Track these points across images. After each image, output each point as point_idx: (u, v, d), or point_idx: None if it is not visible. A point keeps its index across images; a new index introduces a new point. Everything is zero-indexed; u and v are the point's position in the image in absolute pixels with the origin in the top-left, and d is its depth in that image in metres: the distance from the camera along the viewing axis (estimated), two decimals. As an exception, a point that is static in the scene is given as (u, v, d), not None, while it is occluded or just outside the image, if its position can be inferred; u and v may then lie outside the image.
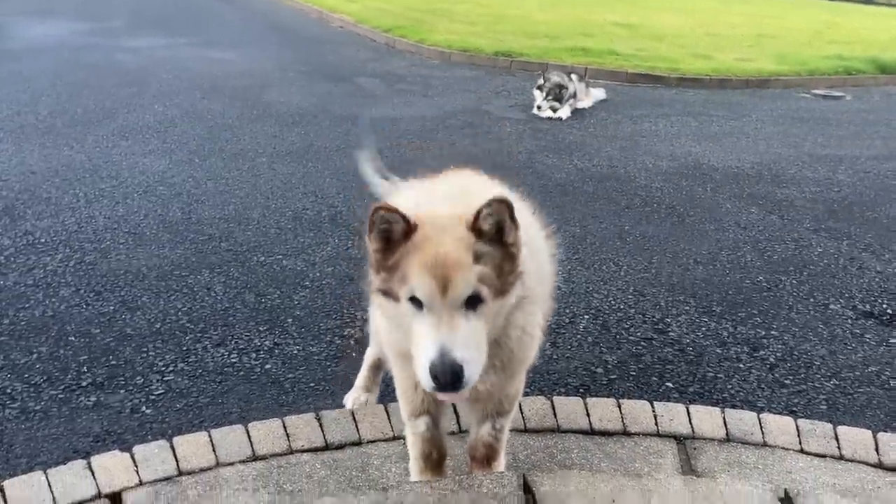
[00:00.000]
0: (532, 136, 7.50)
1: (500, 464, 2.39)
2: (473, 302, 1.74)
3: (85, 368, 3.21)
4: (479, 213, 1.76)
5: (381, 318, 2.14)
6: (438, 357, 1.68)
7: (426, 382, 1.72)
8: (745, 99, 10.17)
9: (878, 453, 2.73)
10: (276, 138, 6.89)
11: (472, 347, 1.73)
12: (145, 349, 3.37)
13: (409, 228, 1.78)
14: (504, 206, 1.76)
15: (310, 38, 13.55)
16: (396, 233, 1.79)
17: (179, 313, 3.70)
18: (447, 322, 1.71)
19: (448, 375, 1.68)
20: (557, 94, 8.33)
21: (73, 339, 3.43)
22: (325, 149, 6.64)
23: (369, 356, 2.96)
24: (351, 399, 2.98)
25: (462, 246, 1.75)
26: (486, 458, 2.35)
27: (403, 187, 2.56)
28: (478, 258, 1.75)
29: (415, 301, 1.75)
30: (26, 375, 3.14)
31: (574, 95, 8.60)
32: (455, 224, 1.78)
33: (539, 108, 8.36)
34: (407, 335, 1.81)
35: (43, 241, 4.45)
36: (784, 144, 7.70)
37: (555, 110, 8.30)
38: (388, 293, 1.82)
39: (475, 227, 1.77)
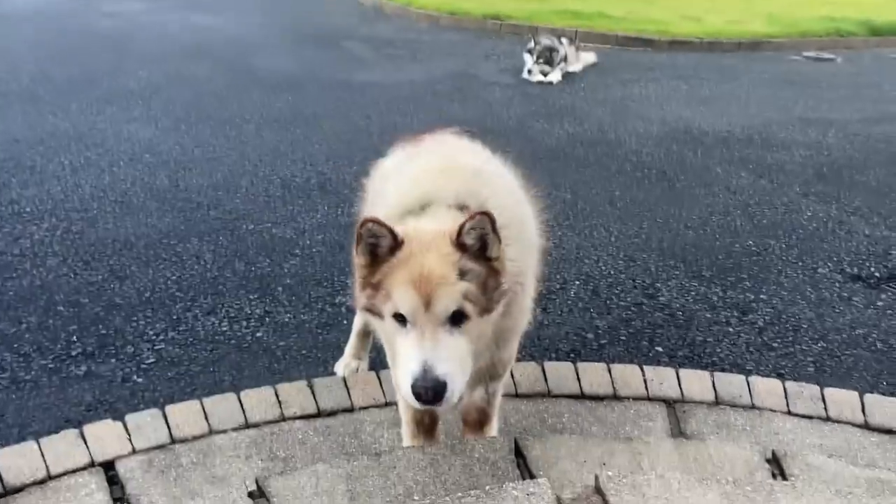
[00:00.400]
0: (522, 100, 7.44)
1: (493, 427, 2.42)
2: (458, 319, 1.73)
3: (75, 338, 3.20)
4: (461, 227, 1.74)
5: None
6: (421, 373, 1.68)
7: (409, 398, 1.72)
8: (736, 62, 10.10)
9: (864, 414, 2.78)
10: (263, 104, 6.80)
11: (456, 363, 1.72)
12: (135, 318, 3.36)
13: (396, 244, 1.76)
14: (486, 218, 1.74)
15: (296, 1, 13.31)
16: (383, 248, 1.77)
17: (169, 282, 3.68)
18: (430, 338, 1.71)
19: (430, 392, 1.68)
20: (548, 58, 8.25)
21: (61, 308, 3.41)
22: (313, 115, 6.57)
23: (357, 323, 2.97)
24: (342, 366, 2.99)
25: (446, 262, 1.74)
26: (478, 422, 2.37)
27: (389, 153, 2.52)
28: (462, 275, 1.74)
29: (399, 318, 1.74)
30: (16, 345, 3.13)
31: (564, 59, 8.51)
32: (440, 240, 1.76)
33: (530, 72, 8.28)
34: (391, 350, 1.83)
35: (28, 210, 4.41)
36: (775, 108, 7.67)
37: (545, 74, 8.23)
38: (372, 311, 1.82)
39: (459, 243, 1.75)
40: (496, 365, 2.26)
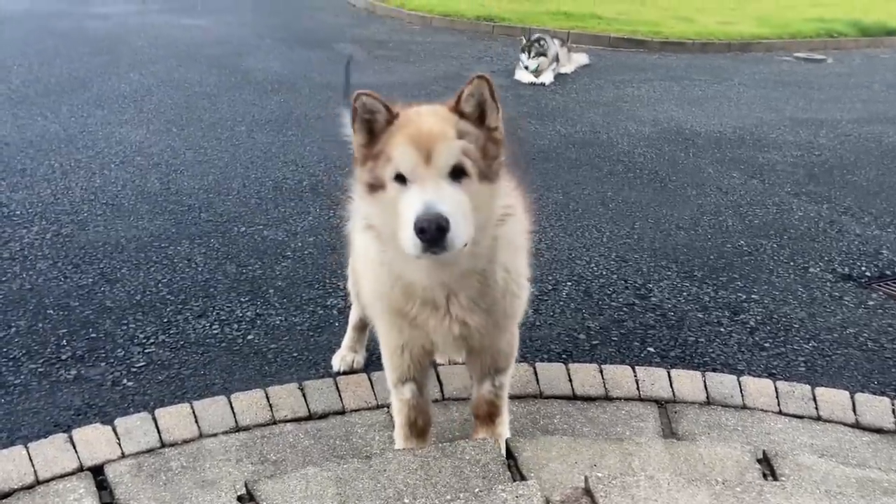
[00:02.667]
0: (514, 101, 7.44)
1: (504, 420, 2.42)
2: (458, 174, 1.74)
3: (64, 342, 3.18)
4: (460, 94, 1.80)
5: (364, 265, 2.16)
6: (423, 210, 1.67)
7: (412, 241, 1.69)
8: (728, 63, 10.13)
9: (855, 413, 2.78)
10: (254, 106, 6.79)
11: (457, 208, 1.71)
12: (125, 321, 3.34)
13: (391, 116, 1.80)
14: (484, 82, 1.79)
15: (286, 3, 13.29)
16: (379, 122, 1.81)
17: (160, 285, 3.67)
18: (432, 187, 1.71)
19: (433, 226, 1.65)
20: (539, 49, 8.25)
21: (51, 312, 3.39)
22: (304, 117, 6.55)
23: (353, 317, 2.97)
24: (338, 359, 2.99)
25: (445, 122, 1.78)
26: (488, 414, 2.38)
27: None
28: (461, 135, 1.77)
29: (400, 179, 1.74)
30: (5, 349, 3.10)
31: (556, 60, 8.52)
32: (438, 108, 1.83)
33: (527, 67, 8.26)
34: (395, 224, 1.76)
35: (18, 213, 4.38)
36: (766, 108, 7.70)
37: (539, 71, 8.22)
38: (374, 184, 1.81)
39: (457, 109, 1.80)
40: (498, 357, 2.28)
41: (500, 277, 2.02)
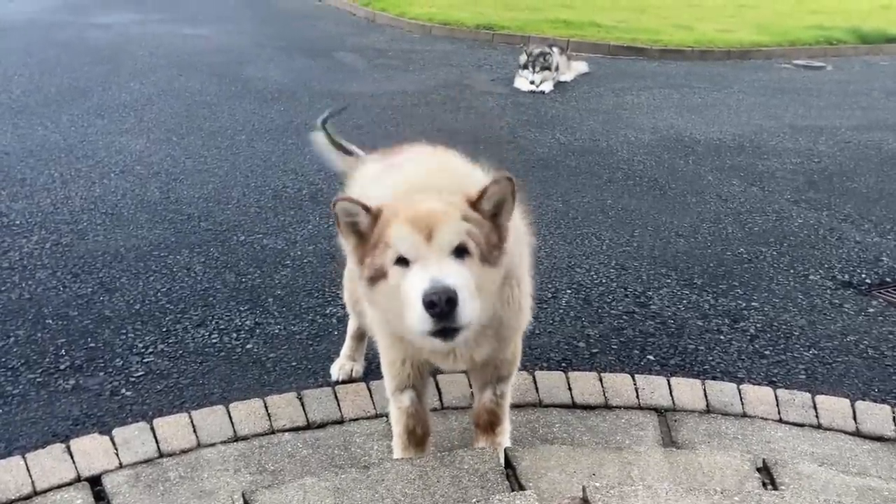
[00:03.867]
0: (514, 110, 7.45)
1: (504, 430, 2.42)
2: (461, 253, 1.70)
3: (63, 351, 3.17)
4: (484, 191, 1.75)
5: (370, 307, 2.12)
6: (431, 285, 1.63)
7: (421, 318, 1.64)
8: (727, 70, 10.14)
9: (855, 422, 2.77)
10: (255, 115, 6.80)
11: (465, 284, 1.66)
12: (124, 331, 3.34)
13: (373, 215, 1.77)
14: (509, 184, 1.75)
15: (286, 12, 13.33)
16: (363, 223, 1.78)
17: (159, 294, 3.67)
18: (436, 263, 1.67)
19: (443, 297, 1.61)
20: (543, 63, 8.27)
21: (50, 321, 3.39)
22: (305, 125, 6.53)
23: (351, 326, 2.97)
24: (337, 368, 2.99)
25: (448, 204, 1.74)
26: (489, 424, 2.37)
27: (368, 161, 2.54)
28: (465, 219, 1.73)
29: (401, 262, 1.71)
30: (3, 359, 3.10)
31: (556, 68, 8.54)
32: (447, 196, 1.77)
33: (532, 83, 8.26)
34: (400, 313, 1.73)
35: (18, 222, 4.38)
36: (765, 116, 7.70)
37: (541, 81, 8.23)
38: (376, 276, 1.77)
39: (476, 204, 1.76)
40: (500, 366, 2.28)
41: (503, 314, 2.01)
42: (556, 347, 3.35)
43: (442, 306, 1.62)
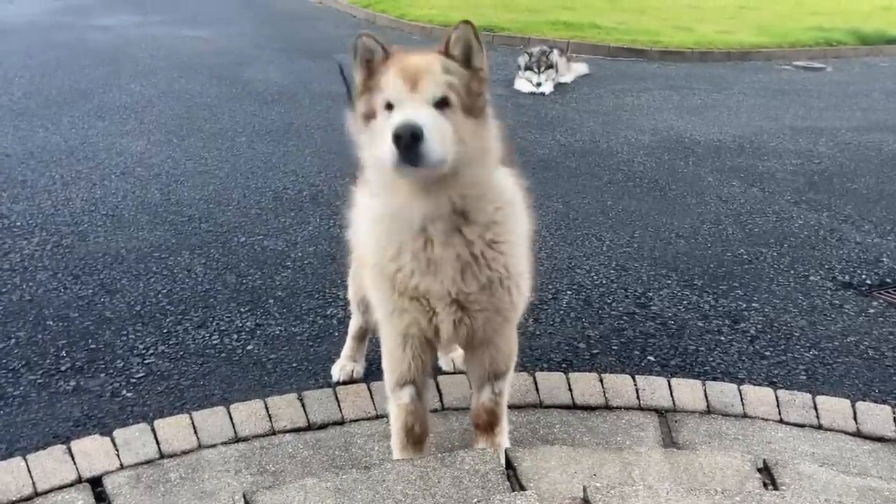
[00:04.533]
0: (514, 111, 7.45)
1: (503, 430, 2.42)
2: (442, 105, 1.87)
3: (64, 353, 3.18)
4: (448, 38, 1.98)
5: (364, 230, 2.19)
6: (400, 121, 1.80)
7: (389, 151, 1.80)
8: (727, 71, 10.15)
9: (856, 422, 2.77)
10: (255, 117, 6.81)
11: (434, 126, 1.82)
12: (125, 332, 3.34)
13: (387, 55, 1.97)
14: (470, 27, 1.97)
15: (287, 14, 13.35)
16: (376, 61, 1.97)
17: (159, 295, 3.67)
18: (412, 109, 1.84)
19: (407, 131, 1.77)
20: (547, 63, 8.27)
21: (51, 323, 3.39)
22: (305, 127, 6.57)
23: (353, 326, 2.97)
24: (338, 369, 3.00)
25: (433, 59, 1.94)
26: (488, 424, 2.38)
27: None
28: (447, 71, 1.92)
29: (389, 107, 1.88)
30: (4, 361, 3.10)
31: (556, 69, 8.54)
32: (428, 50, 2.01)
33: (539, 84, 8.26)
34: (382, 151, 1.87)
35: (19, 224, 4.39)
36: (765, 117, 7.71)
37: (545, 80, 8.23)
38: (368, 114, 1.95)
39: (446, 52, 1.97)
40: (498, 360, 2.28)
41: (498, 241, 2.07)
42: (557, 348, 3.35)
43: (406, 139, 1.78)
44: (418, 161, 1.80)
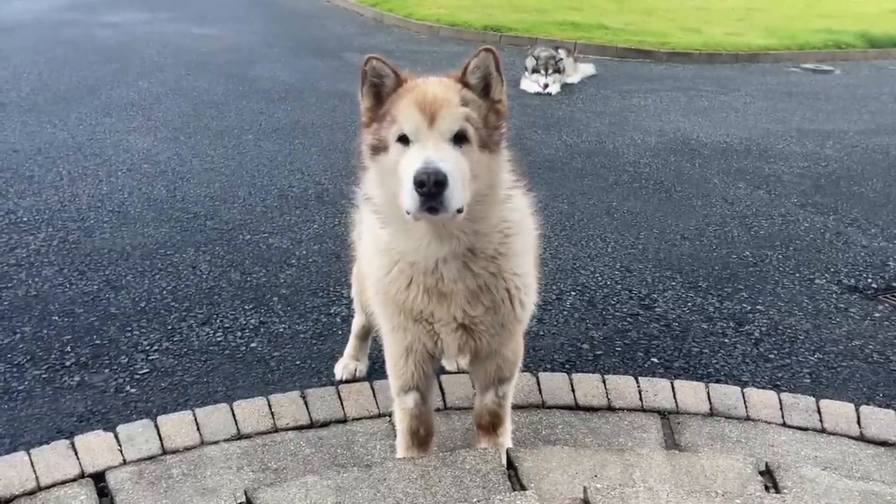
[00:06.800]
0: (520, 111, 7.44)
1: (506, 430, 2.42)
2: (459, 140, 1.79)
3: (69, 348, 3.19)
4: (467, 65, 1.86)
5: (368, 257, 2.16)
6: (423, 165, 1.70)
7: (410, 196, 1.72)
8: (735, 73, 10.12)
9: (859, 426, 2.76)
10: (262, 115, 6.82)
11: (456, 168, 1.74)
12: (130, 328, 3.36)
13: (399, 81, 1.87)
14: (490, 55, 1.85)
15: (295, 12, 13.37)
16: (387, 87, 1.87)
17: (164, 292, 3.68)
18: (433, 147, 1.75)
19: (432, 178, 1.68)
20: (555, 66, 8.26)
21: (56, 318, 3.41)
22: (311, 125, 6.58)
23: (356, 325, 2.98)
24: (341, 367, 3.00)
25: (450, 89, 1.84)
26: (491, 424, 2.38)
27: None
28: (465, 103, 1.82)
29: (403, 141, 1.79)
30: (9, 356, 3.12)
31: (563, 69, 8.53)
32: (445, 78, 1.89)
33: (546, 86, 8.24)
34: (394, 188, 1.80)
35: (26, 219, 4.41)
36: (772, 119, 7.68)
37: (553, 83, 8.22)
38: (378, 146, 1.85)
39: (463, 80, 1.86)
40: (502, 366, 2.28)
41: (503, 269, 2.03)
42: (560, 349, 3.34)
43: (430, 186, 1.69)
44: (440, 208, 1.73)
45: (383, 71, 1.87)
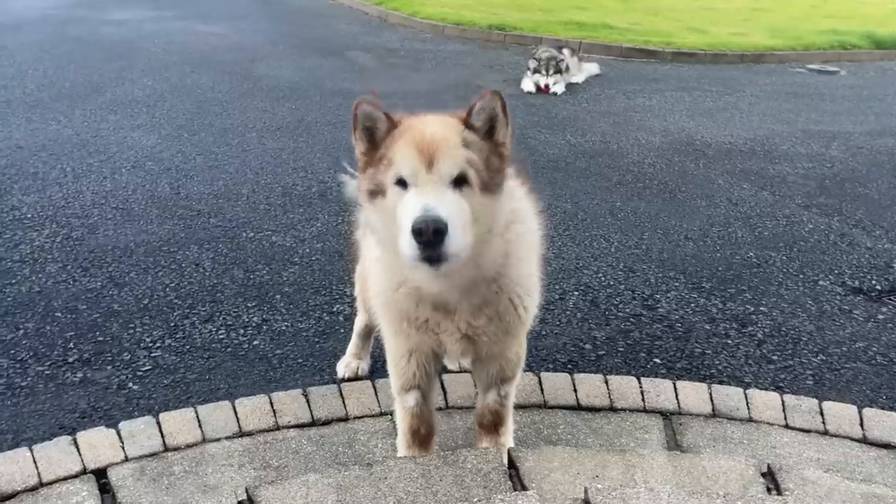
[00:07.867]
0: (524, 111, 7.44)
1: (508, 430, 2.42)
2: (460, 183, 1.71)
3: (72, 344, 3.20)
4: (472, 106, 1.77)
5: (372, 269, 2.15)
6: (422, 213, 1.63)
7: (409, 245, 1.65)
8: (740, 74, 10.10)
9: (862, 428, 2.75)
10: (266, 113, 6.83)
11: (457, 214, 1.67)
12: (133, 325, 3.36)
13: (392, 124, 1.78)
14: (497, 98, 1.77)
15: (300, 11, 13.37)
16: (380, 130, 1.79)
17: (167, 289, 3.68)
18: (432, 192, 1.68)
19: (430, 227, 1.61)
20: (556, 67, 8.25)
21: (59, 314, 3.42)
22: (315, 123, 6.58)
23: (358, 324, 2.98)
24: (343, 365, 3.00)
25: (451, 130, 1.75)
26: (493, 424, 2.37)
27: None
28: (466, 145, 1.74)
29: (401, 184, 1.72)
30: (12, 352, 3.13)
31: (567, 69, 8.52)
32: (446, 118, 1.81)
33: (547, 86, 8.23)
34: (393, 233, 1.74)
35: (29, 216, 4.42)
36: (777, 120, 7.66)
37: (554, 83, 8.21)
38: (375, 190, 1.78)
39: (467, 122, 1.78)
40: (505, 366, 2.27)
41: (507, 285, 2.02)
42: (563, 349, 3.34)
43: (429, 236, 1.62)
44: (440, 258, 1.66)
45: (375, 115, 1.78)
